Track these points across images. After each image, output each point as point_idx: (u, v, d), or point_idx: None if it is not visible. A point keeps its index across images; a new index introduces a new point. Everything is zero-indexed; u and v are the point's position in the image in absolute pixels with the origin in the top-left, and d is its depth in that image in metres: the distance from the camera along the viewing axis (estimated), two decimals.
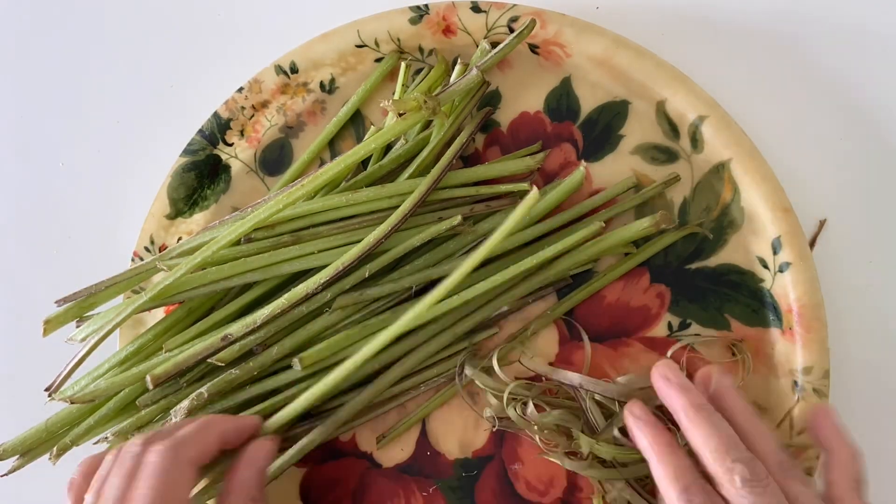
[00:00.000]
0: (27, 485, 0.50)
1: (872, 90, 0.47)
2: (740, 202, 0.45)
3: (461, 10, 0.45)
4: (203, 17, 0.52)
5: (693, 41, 0.48)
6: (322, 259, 0.43)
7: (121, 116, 0.52)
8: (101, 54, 0.52)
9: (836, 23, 0.48)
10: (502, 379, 0.44)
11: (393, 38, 0.46)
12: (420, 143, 0.45)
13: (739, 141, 0.44)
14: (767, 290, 0.45)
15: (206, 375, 0.43)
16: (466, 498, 0.46)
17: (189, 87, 0.51)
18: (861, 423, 0.46)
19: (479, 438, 0.47)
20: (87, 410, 0.43)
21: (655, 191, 0.45)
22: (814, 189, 0.47)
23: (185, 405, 0.41)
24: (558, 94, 0.47)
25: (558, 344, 0.46)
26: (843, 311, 0.46)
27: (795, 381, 0.43)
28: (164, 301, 0.42)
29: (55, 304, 0.42)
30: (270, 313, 0.41)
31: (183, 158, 0.48)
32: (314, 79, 0.47)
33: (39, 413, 0.42)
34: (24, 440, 0.42)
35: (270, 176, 0.48)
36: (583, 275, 0.46)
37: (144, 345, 0.44)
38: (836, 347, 0.45)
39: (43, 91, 0.52)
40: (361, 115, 0.48)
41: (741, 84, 0.47)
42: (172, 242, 0.48)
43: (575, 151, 0.47)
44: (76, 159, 0.52)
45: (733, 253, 0.45)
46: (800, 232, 0.44)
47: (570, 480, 0.46)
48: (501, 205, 0.45)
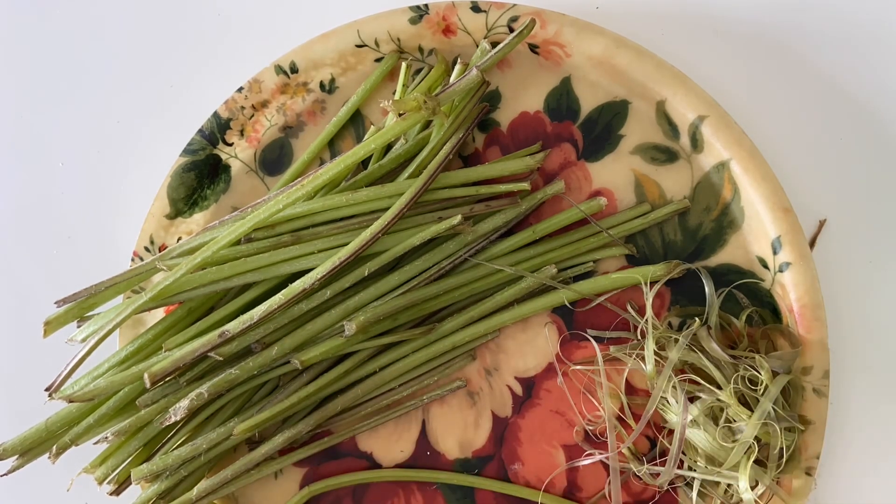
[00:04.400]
0: (27, 485, 0.50)
1: (872, 90, 0.47)
2: (740, 202, 0.45)
3: (461, 10, 0.45)
4: (203, 17, 0.52)
5: (693, 41, 0.48)
6: (322, 259, 0.43)
7: (121, 116, 0.52)
8: (102, 54, 0.52)
9: (837, 23, 0.48)
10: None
11: (393, 38, 0.46)
12: (420, 143, 0.45)
13: (739, 141, 0.44)
14: (767, 290, 0.45)
15: (206, 375, 0.43)
16: (466, 498, 0.46)
17: (189, 87, 0.51)
18: (861, 423, 0.46)
19: (479, 438, 0.47)
20: (87, 410, 0.43)
21: (665, 216, 0.45)
22: (814, 189, 0.47)
23: (184, 404, 0.41)
24: (558, 93, 0.47)
25: (558, 344, 0.46)
26: (843, 311, 0.46)
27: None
28: (164, 301, 0.42)
29: (55, 304, 0.42)
30: (267, 309, 0.41)
31: (183, 158, 0.48)
32: (314, 79, 0.47)
33: (39, 413, 0.42)
34: (24, 440, 0.42)
35: (270, 176, 0.48)
36: (583, 276, 0.46)
37: (144, 344, 0.44)
38: (836, 347, 0.45)
39: (43, 91, 0.52)
40: (361, 115, 0.48)
41: (741, 84, 0.47)
42: (172, 242, 0.48)
43: (575, 151, 0.47)
44: (76, 159, 0.52)
45: (733, 253, 0.45)
46: (800, 232, 0.44)
47: (569, 480, 0.46)
48: (501, 205, 0.45)
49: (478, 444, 0.47)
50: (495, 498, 0.46)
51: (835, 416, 0.46)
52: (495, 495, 0.46)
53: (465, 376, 0.47)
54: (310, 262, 0.43)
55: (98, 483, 0.43)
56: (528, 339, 0.47)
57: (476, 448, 0.47)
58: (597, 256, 0.46)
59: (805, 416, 0.43)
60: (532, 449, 0.46)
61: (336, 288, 0.42)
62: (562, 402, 0.46)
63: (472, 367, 0.47)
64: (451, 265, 0.44)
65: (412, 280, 0.44)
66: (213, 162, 0.48)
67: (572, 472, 0.46)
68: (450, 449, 0.47)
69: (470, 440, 0.47)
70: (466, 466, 0.47)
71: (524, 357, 0.47)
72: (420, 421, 0.47)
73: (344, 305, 0.43)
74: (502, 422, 0.47)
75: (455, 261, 0.44)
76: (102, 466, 0.43)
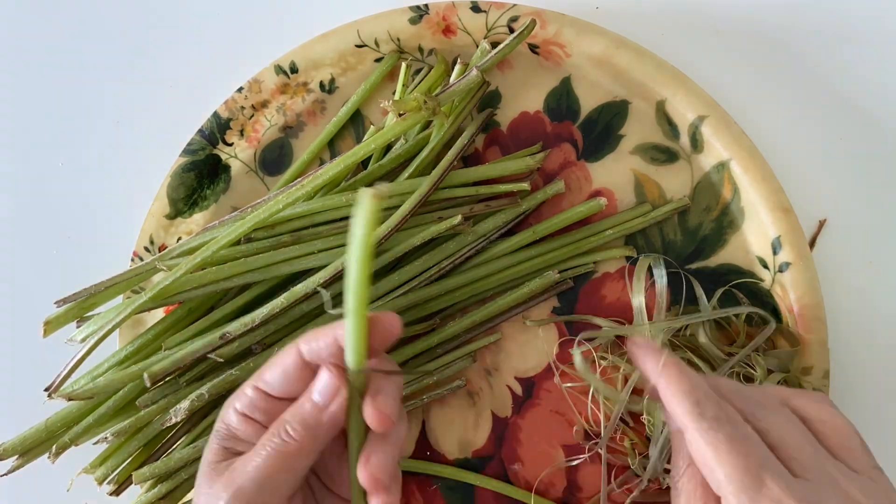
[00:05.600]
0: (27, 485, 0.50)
1: (872, 90, 0.47)
2: (740, 202, 0.45)
3: (461, 10, 0.45)
4: (203, 17, 0.52)
5: (693, 41, 0.48)
6: (322, 259, 0.43)
7: (121, 116, 0.52)
8: (101, 54, 0.52)
9: (837, 23, 0.48)
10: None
11: (393, 38, 0.46)
12: (420, 143, 0.45)
13: (739, 141, 0.44)
14: (767, 290, 0.45)
15: (206, 375, 0.43)
16: (466, 498, 0.46)
17: (189, 87, 0.51)
18: (861, 423, 0.46)
19: (479, 438, 0.47)
20: (87, 410, 0.43)
21: (665, 215, 0.45)
22: (814, 189, 0.47)
23: (185, 405, 0.41)
24: (558, 94, 0.47)
25: (558, 344, 0.46)
26: (843, 311, 0.46)
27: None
28: (164, 301, 0.42)
29: (55, 304, 0.42)
30: (269, 312, 0.41)
31: (183, 158, 0.48)
32: (314, 79, 0.47)
33: (39, 413, 0.42)
34: (23, 440, 0.42)
35: (270, 176, 0.48)
36: (583, 276, 0.46)
37: (144, 344, 0.44)
38: (836, 347, 0.45)
39: (42, 91, 0.52)
40: (361, 115, 0.48)
41: (741, 84, 0.47)
42: (172, 242, 0.48)
43: (575, 151, 0.47)
44: (76, 159, 0.52)
45: (733, 253, 0.45)
46: (800, 232, 0.44)
47: (569, 480, 0.46)
48: (501, 205, 0.45)
49: (478, 444, 0.47)
50: (495, 498, 0.46)
51: None
52: (495, 495, 0.46)
53: (465, 376, 0.47)
54: (310, 262, 0.43)
55: (98, 483, 0.43)
56: (528, 340, 0.47)
57: (476, 448, 0.47)
58: (597, 258, 0.46)
59: None
60: (532, 449, 0.46)
61: (336, 288, 0.42)
62: (562, 402, 0.46)
63: (472, 367, 0.47)
64: (451, 265, 0.44)
65: (413, 280, 0.44)
66: (212, 162, 0.48)
67: (572, 473, 0.46)
68: (450, 449, 0.47)
69: (470, 440, 0.47)
70: (466, 466, 0.47)
71: (524, 357, 0.47)
72: (420, 421, 0.47)
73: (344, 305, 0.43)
74: (502, 422, 0.47)
75: (455, 261, 0.44)
76: (102, 467, 0.43)
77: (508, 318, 0.46)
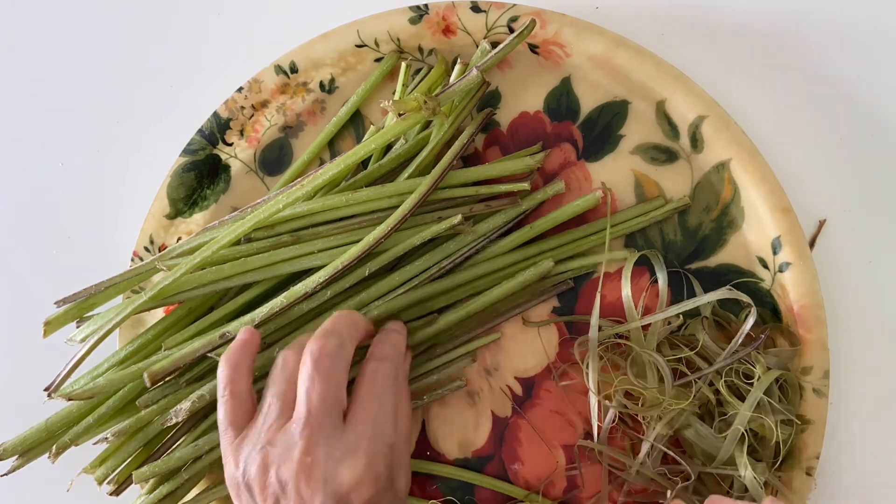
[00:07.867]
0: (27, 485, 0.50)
1: (872, 90, 0.47)
2: (740, 202, 0.45)
3: (461, 10, 0.45)
4: (203, 17, 0.52)
5: (693, 41, 0.48)
6: (322, 259, 0.43)
7: (121, 116, 0.52)
8: (101, 54, 0.52)
9: (837, 23, 0.48)
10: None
11: (393, 38, 0.46)
12: (420, 143, 0.45)
13: (739, 141, 0.44)
14: (767, 290, 0.45)
15: (206, 375, 0.43)
16: (466, 498, 0.46)
17: (189, 87, 0.51)
18: (861, 423, 0.46)
19: (479, 438, 0.47)
20: (87, 410, 0.43)
21: (665, 214, 0.45)
22: (814, 189, 0.47)
23: (186, 406, 0.41)
24: (558, 93, 0.47)
25: (558, 344, 0.46)
26: (843, 311, 0.46)
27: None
28: (164, 301, 0.42)
29: (55, 304, 0.42)
30: (269, 312, 0.41)
31: (183, 158, 0.48)
32: (314, 79, 0.47)
33: (39, 413, 0.42)
34: (24, 440, 0.42)
35: (270, 176, 0.48)
36: (583, 276, 0.46)
37: (144, 344, 0.44)
38: (836, 347, 0.45)
39: (43, 91, 0.52)
40: (361, 115, 0.48)
41: (741, 84, 0.47)
42: (172, 242, 0.48)
43: (575, 151, 0.47)
44: (76, 159, 0.52)
45: (733, 253, 0.45)
46: (800, 232, 0.44)
47: (569, 480, 0.46)
48: (501, 205, 0.45)
49: (478, 444, 0.47)
50: (495, 498, 0.46)
51: (835, 416, 0.46)
52: (495, 495, 0.46)
53: (465, 376, 0.47)
54: (310, 262, 0.43)
55: (98, 483, 0.43)
56: (528, 340, 0.47)
57: (476, 448, 0.47)
58: (598, 259, 0.46)
59: (805, 416, 0.43)
60: (532, 449, 0.46)
61: (336, 288, 0.42)
62: (562, 402, 0.46)
63: (472, 366, 0.47)
64: (451, 265, 0.44)
65: (413, 280, 0.44)
66: (212, 162, 0.48)
67: (572, 472, 0.46)
68: (450, 449, 0.47)
69: (470, 440, 0.47)
70: (466, 466, 0.47)
71: (524, 357, 0.47)
72: (420, 421, 0.47)
73: (345, 305, 0.43)
74: (502, 422, 0.47)
75: (455, 260, 0.44)
76: (102, 467, 0.43)
77: (508, 318, 0.46)
